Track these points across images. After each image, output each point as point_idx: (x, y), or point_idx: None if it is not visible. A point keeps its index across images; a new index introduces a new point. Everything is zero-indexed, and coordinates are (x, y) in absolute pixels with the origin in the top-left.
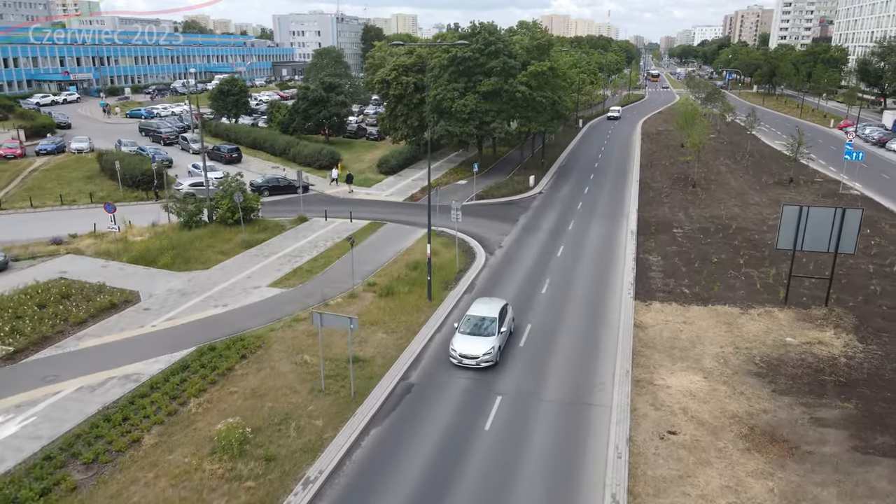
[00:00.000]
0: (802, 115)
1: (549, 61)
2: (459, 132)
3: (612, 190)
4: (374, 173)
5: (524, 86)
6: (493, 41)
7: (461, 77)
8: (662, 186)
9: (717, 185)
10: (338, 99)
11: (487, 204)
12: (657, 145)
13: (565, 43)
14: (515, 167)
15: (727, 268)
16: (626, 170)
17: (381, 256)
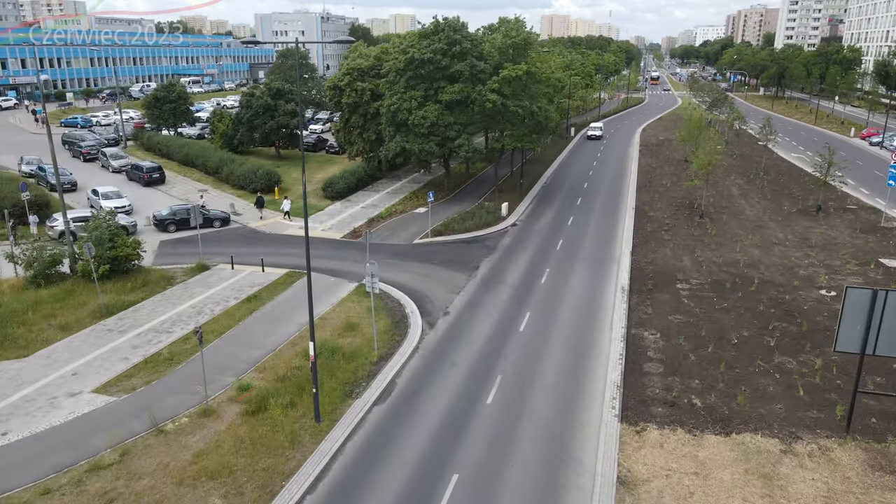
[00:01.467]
0: (817, 121)
1: (527, 64)
2: (418, 150)
3: (601, 221)
4: (319, 198)
5: (495, 93)
6: (459, 40)
7: (420, 83)
8: (663, 216)
9: (730, 214)
10: (287, 107)
11: (444, 243)
12: (657, 159)
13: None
14: (489, 190)
15: (753, 354)
16: (620, 192)
17: (279, 332)
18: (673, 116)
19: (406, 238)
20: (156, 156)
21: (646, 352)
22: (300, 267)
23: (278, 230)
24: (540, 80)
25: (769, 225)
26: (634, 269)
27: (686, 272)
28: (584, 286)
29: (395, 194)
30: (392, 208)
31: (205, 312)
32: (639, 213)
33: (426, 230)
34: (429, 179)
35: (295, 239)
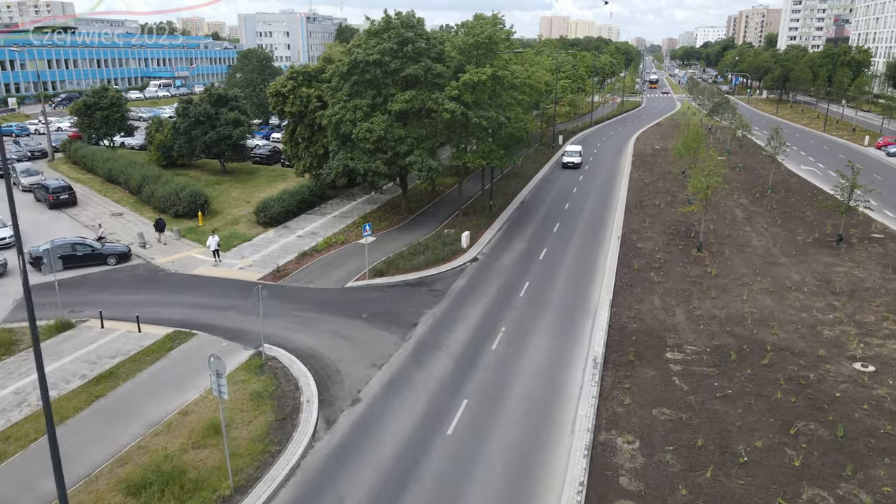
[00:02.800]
0: (826, 128)
1: (493, 66)
2: (364, 169)
3: (580, 254)
4: (252, 225)
5: (454, 102)
6: (412, 38)
7: (367, 90)
8: (654, 248)
9: (733, 246)
10: (230, 116)
11: (384, 287)
12: (651, 173)
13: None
14: (452, 213)
15: (771, 481)
16: (606, 215)
17: (111, 440)
18: (671, 122)
19: (338, 279)
20: (81, 171)
21: (617, 477)
22: (193, 323)
23: (187, 268)
24: (513, 86)
25: (781, 261)
26: (613, 329)
27: (679, 332)
28: (545, 356)
29: (343, 218)
30: (333, 238)
31: (28, 403)
32: (625, 243)
33: (363, 269)
34: (387, 199)
35: (203, 282)
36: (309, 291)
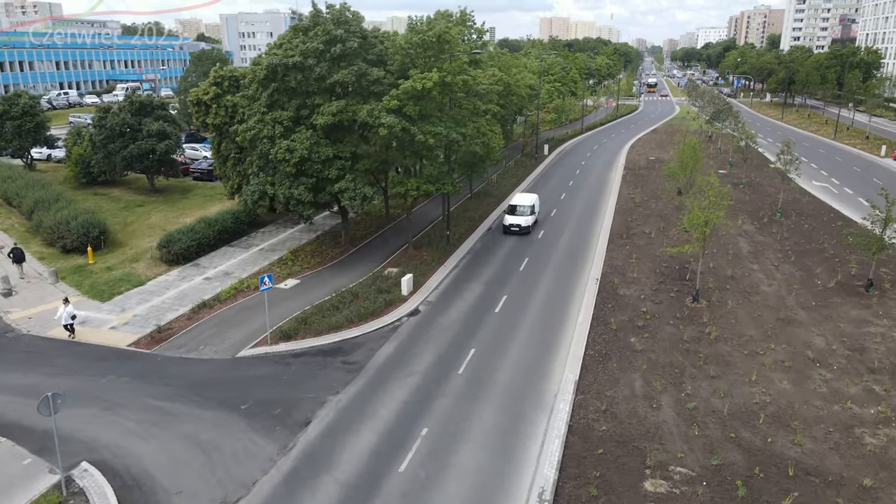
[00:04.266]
0: (838, 135)
1: (440, 72)
2: (284, 196)
3: (546, 306)
4: (153, 263)
5: (393, 115)
6: (342, 36)
7: (291, 100)
8: (639, 296)
9: (738, 293)
10: (153, 127)
11: (287, 356)
12: (643, 190)
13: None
14: (402, 245)
15: None
16: (586, 247)
17: None
18: (668, 128)
19: (232, 345)
20: None
21: None
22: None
23: (43, 327)
24: (477, 94)
25: (798, 315)
26: (574, 433)
27: (665, 440)
28: (470, 488)
29: (270, 252)
30: (247, 281)
31: None
32: (605, 289)
33: (274, 327)
34: (331, 226)
35: (54, 349)
36: (187, 365)
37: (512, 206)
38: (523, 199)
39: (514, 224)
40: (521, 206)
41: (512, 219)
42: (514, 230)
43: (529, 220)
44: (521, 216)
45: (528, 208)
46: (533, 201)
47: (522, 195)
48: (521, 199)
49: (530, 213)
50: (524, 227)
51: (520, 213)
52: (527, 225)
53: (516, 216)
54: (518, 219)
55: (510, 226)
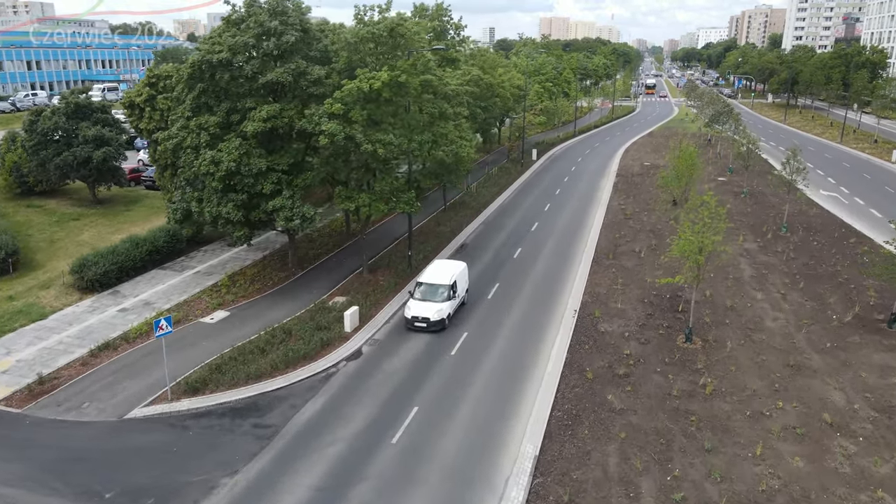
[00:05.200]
0: (844, 138)
1: (391, 72)
2: (211, 216)
3: (513, 347)
4: (66, 290)
5: (336, 121)
6: (277, 29)
7: (219, 103)
8: (622, 333)
9: (738, 330)
10: (89, 133)
11: (190, 415)
12: (635, 201)
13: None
14: (356, 270)
15: None
16: (567, 269)
17: None
18: (666, 131)
19: (125, 400)
20: None
21: None
22: None
23: None
24: (445, 96)
25: (811, 361)
26: None
27: None
28: None
29: (206, 276)
30: (166, 314)
31: None
32: (583, 324)
33: (180, 377)
34: (281, 245)
35: None
36: (60, 430)
37: (420, 285)
38: (438, 274)
39: (419, 317)
40: (432, 285)
41: (417, 307)
42: (419, 326)
43: (445, 308)
44: (432, 303)
45: (444, 290)
46: (453, 276)
47: (440, 265)
48: (436, 271)
49: (447, 297)
50: (434, 323)
51: (430, 297)
52: (439, 318)
53: (424, 303)
54: (426, 308)
55: (413, 320)
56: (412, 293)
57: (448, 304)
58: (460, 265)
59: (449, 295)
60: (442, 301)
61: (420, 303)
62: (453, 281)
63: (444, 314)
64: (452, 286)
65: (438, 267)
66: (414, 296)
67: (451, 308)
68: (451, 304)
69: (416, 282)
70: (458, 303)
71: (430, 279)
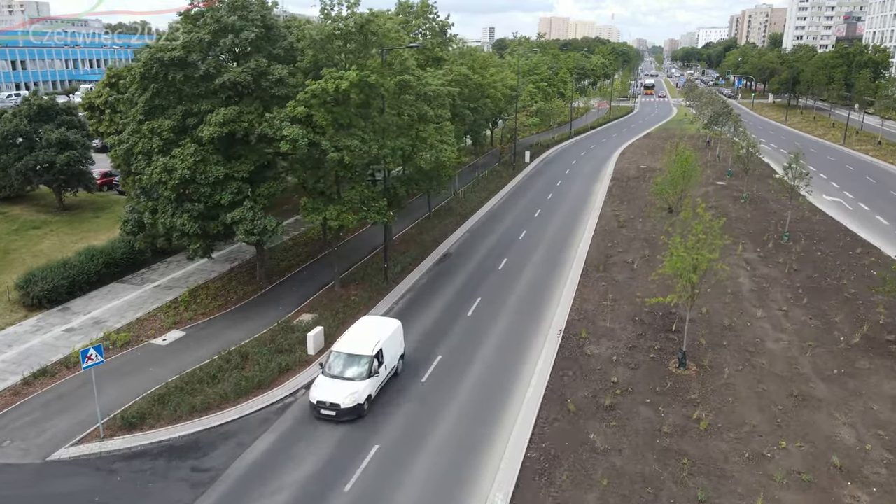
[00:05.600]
0: (847, 140)
1: (360, 72)
2: (164, 229)
3: (490, 371)
4: (11, 306)
5: (299, 125)
6: (236, 25)
7: (175, 105)
8: (610, 356)
9: (737, 354)
10: (52, 136)
11: (121, 457)
12: (630, 207)
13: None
14: (328, 283)
15: None
16: (554, 282)
17: None
18: (664, 132)
19: (53, 437)
20: None
21: None
22: None
23: None
24: (426, 97)
25: (816, 390)
26: None
27: None
28: None
29: (167, 291)
30: (116, 334)
31: None
32: (568, 346)
33: (117, 410)
34: (251, 255)
35: None
36: None
37: (331, 357)
38: (359, 339)
39: (326, 403)
40: (350, 356)
41: (325, 388)
42: (325, 415)
43: (363, 389)
44: (346, 382)
45: (364, 363)
46: (378, 342)
47: (365, 326)
48: (356, 336)
49: (367, 374)
50: (346, 411)
51: (344, 373)
52: (353, 405)
53: (335, 383)
54: (337, 389)
55: (319, 406)
56: (322, 365)
57: (368, 384)
58: (392, 325)
59: (370, 370)
60: (360, 379)
61: (329, 382)
62: (377, 350)
63: (360, 398)
64: (377, 357)
65: (361, 328)
66: (324, 370)
67: (372, 388)
68: (373, 383)
69: (330, 351)
70: (383, 379)
71: (347, 347)
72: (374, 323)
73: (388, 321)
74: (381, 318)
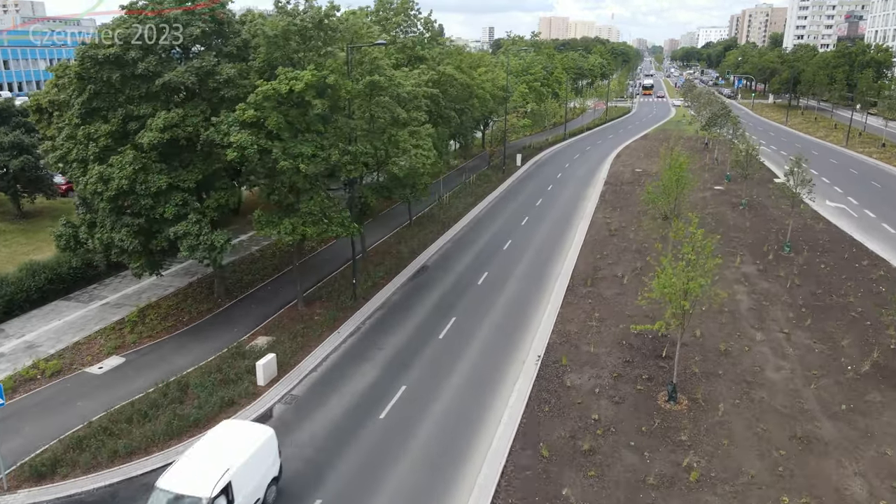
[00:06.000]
0: (850, 142)
1: (316, 72)
2: (102, 244)
3: (459, 405)
4: None
5: (249, 130)
6: (180, 20)
7: (115, 108)
8: (592, 388)
9: (733, 385)
10: (5, 140)
11: None
12: (623, 213)
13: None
14: (291, 301)
15: None
16: (536, 302)
17: None
18: (661, 133)
19: None
20: None
21: None
22: None
23: None
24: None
25: (822, 430)
26: None
27: None
28: None
29: (115, 309)
30: (46, 361)
31: None
32: (547, 375)
33: (28, 457)
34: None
35: None
36: None
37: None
38: (200, 467)
39: None
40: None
41: None
42: None
43: None
44: None
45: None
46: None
47: (218, 441)
48: (198, 461)
49: None
50: None
51: None
52: None
53: None
54: None
55: None
56: None
57: None
58: (259, 437)
59: None
60: None
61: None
62: (222, 486)
63: None
64: (223, 494)
65: (210, 446)
66: None
67: None
68: None
69: (154, 486)
70: None
71: (175, 481)
72: (233, 435)
73: (256, 430)
74: (248, 424)
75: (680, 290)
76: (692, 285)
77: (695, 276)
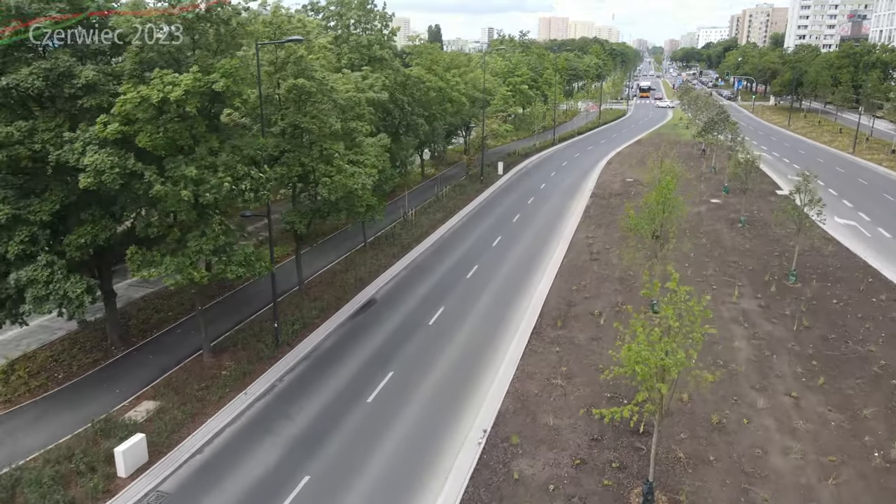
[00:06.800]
0: (857, 148)
1: (199, 75)
2: None
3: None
4: None
5: (110, 149)
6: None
7: None
8: (547, 481)
9: (727, 473)
10: None
11: None
12: (608, 231)
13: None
14: (198, 350)
15: None
16: (493, 350)
17: None
18: (656, 138)
19: None
20: None
21: None
22: None
23: None
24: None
25: None
26: None
27: None
28: None
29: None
30: None
31: None
32: (490, 462)
33: None
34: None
35: None
36: None
37: None
38: None
39: None
40: None
41: None
42: None
43: None
44: None
45: None
46: None
47: None
48: None
49: None
50: None
51: None
52: None
53: None
54: None
55: None
56: None
57: None
58: None
59: None
60: None
61: None
62: None
63: None
64: None
65: None
66: None
67: None
68: None
69: None
70: None
71: None
72: None
73: None
74: None
75: (653, 369)
76: (670, 362)
77: (675, 348)
